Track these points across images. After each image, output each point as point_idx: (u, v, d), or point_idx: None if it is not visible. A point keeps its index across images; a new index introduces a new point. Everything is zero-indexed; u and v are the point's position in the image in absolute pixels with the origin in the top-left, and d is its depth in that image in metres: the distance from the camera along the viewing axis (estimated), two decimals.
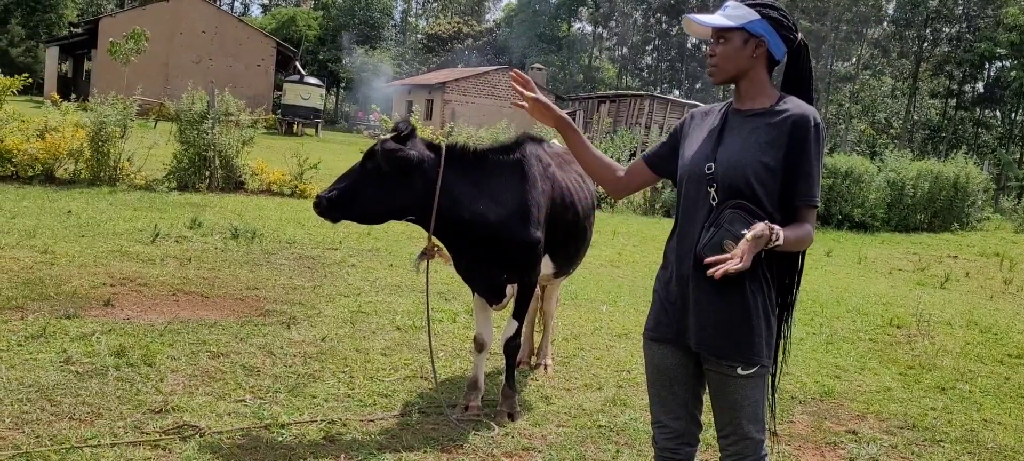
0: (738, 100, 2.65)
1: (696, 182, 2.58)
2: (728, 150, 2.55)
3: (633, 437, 4.35)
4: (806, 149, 2.49)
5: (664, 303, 2.67)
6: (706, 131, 2.67)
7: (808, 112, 2.52)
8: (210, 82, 15.03)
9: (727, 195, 2.50)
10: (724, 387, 2.57)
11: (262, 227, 9.94)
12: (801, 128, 2.49)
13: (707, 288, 2.47)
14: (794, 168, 2.50)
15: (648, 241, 12.89)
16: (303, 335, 5.66)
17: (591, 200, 5.05)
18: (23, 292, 6.04)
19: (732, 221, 2.44)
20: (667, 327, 2.65)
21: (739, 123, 2.60)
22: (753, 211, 2.46)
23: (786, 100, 2.58)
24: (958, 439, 4.79)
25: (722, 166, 2.53)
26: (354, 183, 4.13)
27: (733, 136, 2.58)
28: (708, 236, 2.47)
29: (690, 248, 2.54)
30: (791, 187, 2.52)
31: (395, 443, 4.00)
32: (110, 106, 12.91)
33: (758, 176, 2.49)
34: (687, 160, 2.65)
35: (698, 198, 2.57)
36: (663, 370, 2.70)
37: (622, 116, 36.78)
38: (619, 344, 6.29)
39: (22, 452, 3.49)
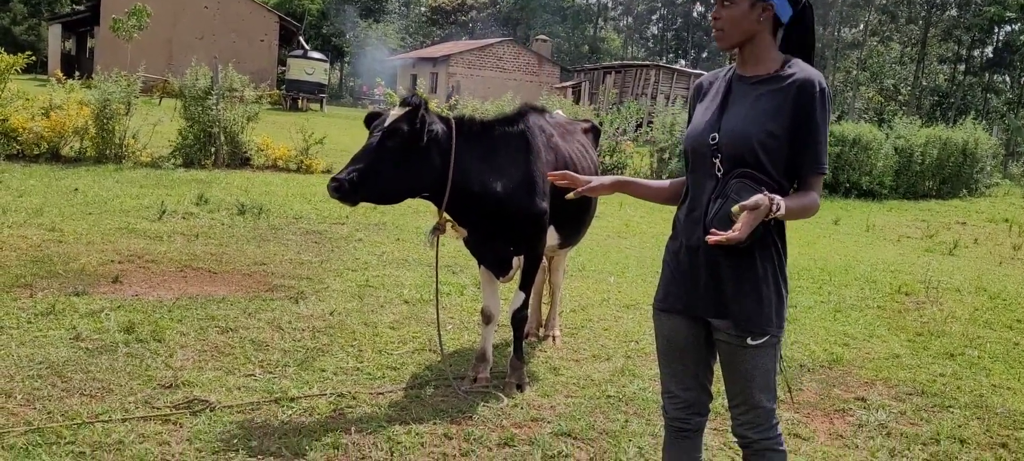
0: (742, 65, 2.58)
1: (701, 153, 2.54)
2: (732, 119, 2.50)
3: (642, 406, 4.36)
4: (812, 115, 2.43)
5: (673, 274, 2.64)
6: (710, 100, 2.62)
7: (813, 77, 2.45)
8: (214, 58, 14.94)
9: (732, 165, 2.46)
10: (734, 357, 2.54)
11: (268, 203, 9.94)
12: (807, 93, 2.43)
13: (716, 259, 2.46)
14: (800, 135, 2.45)
15: (655, 211, 12.85)
16: (311, 310, 5.67)
17: (594, 170, 5.03)
18: (32, 270, 6.06)
19: (739, 191, 2.40)
20: (676, 298, 2.63)
21: (743, 90, 2.54)
22: (759, 180, 2.42)
23: (791, 64, 2.51)
24: (967, 405, 4.78)
25: (726, 136, 2.48)
26: (374, 162, 3.92)
27: (738, 104, 2.52)
28: (715, 208, 2.44)
29: (698, 219, 2.51)
30: (798, 154, 2.46)
31: (404, 415, 4.01)
32: (114, 83, 12.88)
33: (763, 145, 2.44)
34: (693, 130, 2.60)
35: (704, 169, 2.54)
36: (673, 341, 2.68)
37: (628, 87, 36.60)
38: (627, 315, 6.29)
39: (34, 428, 3.51)
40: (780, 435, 2.63)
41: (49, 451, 3.34)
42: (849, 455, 3.97)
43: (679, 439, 2.76)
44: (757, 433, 2.59)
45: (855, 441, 4.16)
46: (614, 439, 3.91)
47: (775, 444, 2.60)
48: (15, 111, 12.50)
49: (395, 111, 4.02)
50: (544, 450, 3.73)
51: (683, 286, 2.60)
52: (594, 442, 3.88)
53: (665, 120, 17.69)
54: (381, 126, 3.97)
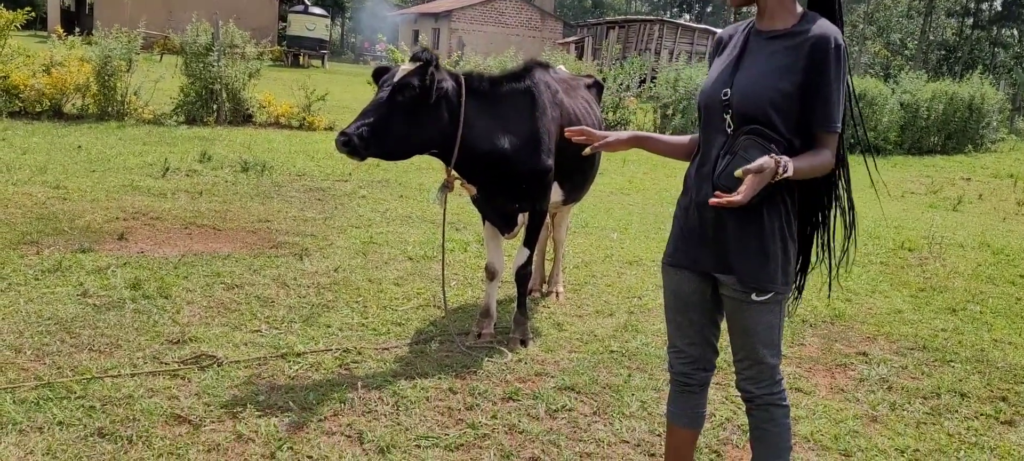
0: (759, 20, 2.52)
1: (713, 108, 2.50)
2: (745, 76, 2.45)
3: (645, 361, 4.40)
4: (825, 72, 2.37)
5: (682, 230, 2.63)
6: (728, 54, 2.57)
7: (829, 32, 2.38)
8: (214, 14, 14.83)
9: (742, 122, 2.42)
10: (739, 312, 2.54)
11: (271, 160, 9.94)
12: (821, 50, 2.36)
13: (724, 215, 2.44)
14: (812, 92, 2.39)
15: (658, 168, 12.83)
16: (316, 266, 5.69)
17: (598, 125, 5.01)
18: (37, 227, 6.08)
19: (747, 148, 2.38)
20: (685, 253, 2.62)
21: (759, 46, 2.48)
22: (769, 137, 2.38)
23: (809, 18, 2.44)
24: (968, 359, 4.82)
25: (738, 93, 2.43)
26: (384, 117, 3.88)
27: (752, 60, 2.47)
28: (723, 164, 2.42)
29: (707, 175, 2.49)
30: (808, 112, 2.40)
31: (409, 370, 4.05)
32: (115, 40, 12.82)
33: (774, 103, 2.39)
34: (706, 86, 2.56)
35: (715, 124, 2.51)
36: (681, 296, 2.68)
37: (631, 42, 36.29)
38: (630, 271, 6.31)
39: (45, 383, 3.56)
40: (784, 391, 2.65)
41: (60, 405, 3.38)
42: (850, 409, 4.01)
43: (684, 394, 2.78)
44: (760, 388, 2.60)
45: (856, 395, 4.20)
46: (617, 393, 3.95)
47: (778, 399, 2.62)
48: (16, 68, 12.45)
49: (405, 66, 3.98)
50: (548, 404, 3.77)
51: (691, 242, 2.59)
52: (597, 396, 3.92)
53: (669, 76, 17.59)
54: (391, 81, 3.93)
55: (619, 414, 3.75)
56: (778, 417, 2.63)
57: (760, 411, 2.63)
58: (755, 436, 2.69)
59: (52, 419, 3.27)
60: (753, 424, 2.68)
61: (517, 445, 3.40)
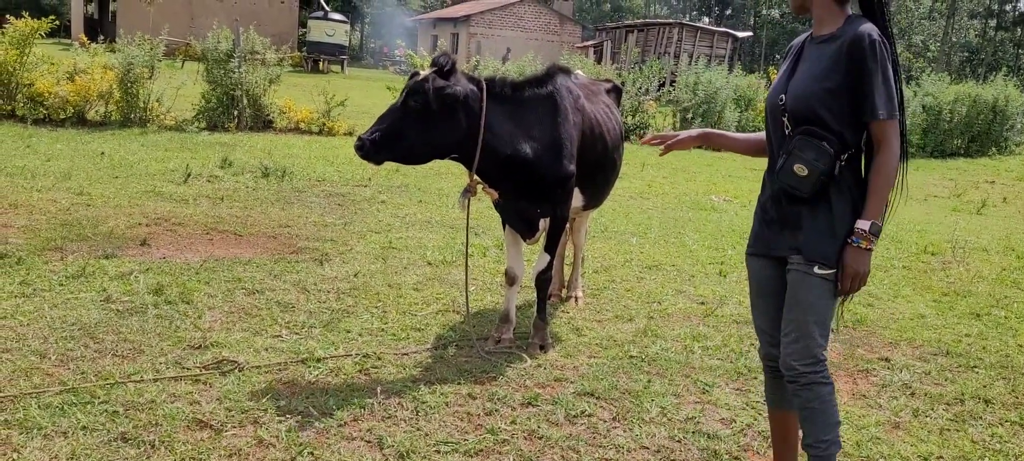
0: (815, 28, 2.76)
1: (773, 113, 2.80)
2: (798, 80, 2.71)
3: (664, 367, 4.38)
4: (864, 67, 2.57)
5: (760, 222, 2.90)
6: (786, 63, 2.85)
7: (863, 30, 2.58)
8: (235, 20, 14.95)
9: (797, 123, 2.69)
10: (799, 286, 2.71)
11: (292, 165, 10.00)
12: (857, 47, 2.57)
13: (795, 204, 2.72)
14: (857, 87, 2.60)
15: (677, 173, 12.79)
16: (336, 271, 5.72)
17: (619, 131, 5.01)
18: (61, 233, 6.16)
19: (802, 147, 2.64)
20: (763, 243, 2.88)
21: (811, 52, 2.74)
22: (822, 136, 2.62)
23: (850, 21, 2.66)
24: (992, 365, 4.76)
25: (791, 97, 2.70)
26: (397, 123, 3.95)
27: (804, 66, 2.72)
28: (781, 162, 2.71)
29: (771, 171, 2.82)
30: (857, 106, 2.62)
31: (429, 375, 4.06)
32: (137, 47, 12.96)
33: (822, 102, 2.63)
34: (770, 92, 2.85)
35: (776, 128, 2.79)
36: (760, 281, 2.94)
37: (651, 45, 36.22)
38: (649, 276, 6.29)
39: (69, 388, 3.60)
40: (826, 370, 2.76)
41: (83, 410, 3.42)
42: (872, 415, 3.98)
43: (776, 377, 2.96)
44: (805, 365, 2.72)
45: (879, 401, 4.16)
46: (636, 399, 3.94)
47: (821, 378, 2.74)
48: (41, 76, 12.62)
49: (425, 72, 4.02)
50: (567, 409, 3.77)
51: (767, 232, 2.86)
52: (617, 402, 3.91)
53: (688, 79, 17.53)
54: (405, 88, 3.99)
55: (639, 420, 3.73)
56: (823, 394, 2.75)
57: (806, 390, 2.75)
58: (804, 416, 2.81)
59: (76, 424, 3.30)
60: (800, 404, 2.80)
61: (536, 451, 3.40)
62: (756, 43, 55.69)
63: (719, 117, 16.80)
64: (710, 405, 3.96)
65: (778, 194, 2.76)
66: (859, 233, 2.61)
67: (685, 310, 5.46)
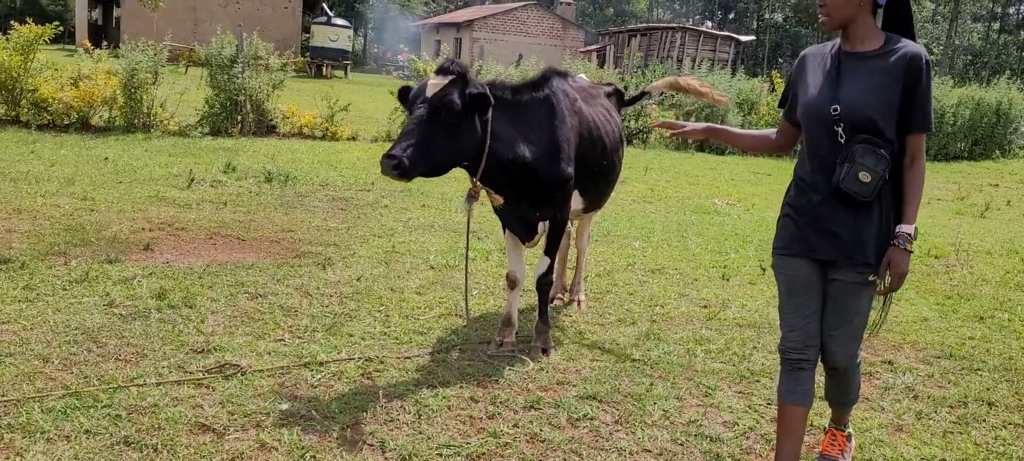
0: (848, 43, 2.93)
1: (820, 121, 2.91)
2: (850, 91, 2.85)
3: (667, 370, 4.38)
4: (920, 83, 2.82)
5: (797, 224, 3.03)
6: (822, 73, 2.97)
7: (920, 51, 2.84)
8: (238, 25, 15.00)
9: (854, 131, 2.84)
10: (852, 293, 2.95)
11: (295, 170, 10.02)
12: (916, 66, 2.81)
13: (844, 210, 2.88)
14: (911, 101, 2.83)
15: (681, 176, 12.79)
16: (338, 275, 5.73)
17: (618, 133, 5.00)
18: (65, 238, 6.17)
19: (863, 155, 2.80)
20: (800, 244, 3.02)
21: (854, 65, 2.89)
22: (879, 144, 2.81)
23: (896, 40, 2.88)
24: (996, 368, 4.75)
25: (847, 107, 2.84)
26: (428, 134, 3.79)
27: (852, 78, 2.88)
28: (844, 171, 2.82)
29: (822, 177, 2.91)
30: (908, 117, 2.85)
31: (431, 379, 4.06)
32: (141, 53, 12.99)
33: (880, 113, 2.82)
34: (809, 101, 2.97)
35: (823, 135, 2.92)
36: (795, 279, 3.06)
37: (653, 49, 36.24)
38: (652, 279, 6.29)
39: (72, 392, 3.61)
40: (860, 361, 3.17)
41: (87, 414, 3.43)
42: (875, 418, 3.97)
43: (796, 372, 3.08)
44: (845, 359, 3.07)
45: (882, 404, 4.15)
46: (639, 402, 3.94)
47: (857, 365, 3.15)
48: (45, 81, 12.67)
49: (435, 80, 3.93)
50: (569, 412, 3.77)
51: (807, 234, 2.99)
52: (619, 405, 3.91)
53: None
54: (425, 97, 3.86)
55: (641, 423, 3.73)
56: (857, 371, 3.22)
57: (842, 376, 3.17)
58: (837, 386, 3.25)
59: (79, 428, 3.31)
60: (832, 382, 3.23)
61: (539, 454, 3.40)
62: (759, 47, 55.69)
63: (722, 121, 16.78)
64: (712, 408, 3.96)
65: (832, 198, 2.90)
66: (904, 236, 2.85)
67: (688, 313, 5.46)
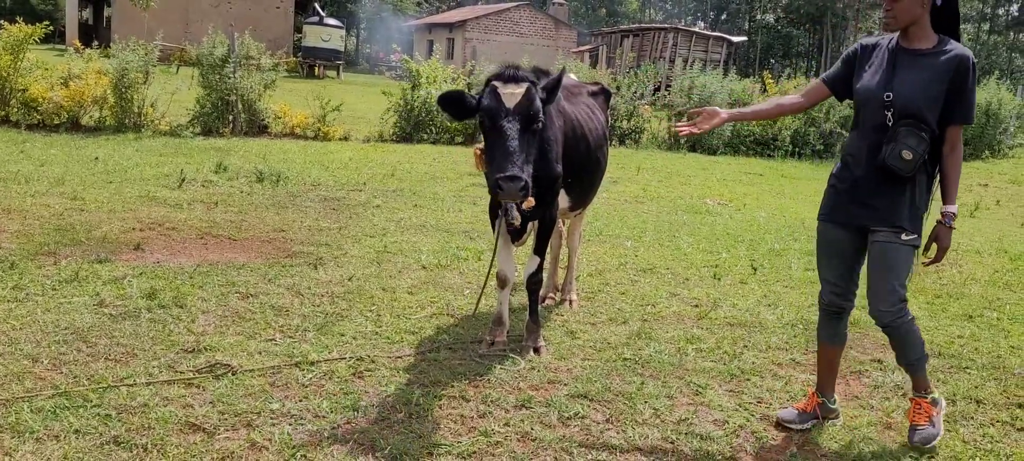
0: (905, 40, 3.40)
1: (874, 104, 3.38)
2: (903, 82, 3.32)
3: (658, 369, 4.39)
4: (966, 81, 3.30)
5: (841, 194, 3.53)
6: (877, 62, 3.44)
7: (968, 54, 3.33)
8: (230, 25, 14.98)
9: (901, 116, 3.30)
10: (887, 251, 3.41)
11: (287, 170, 10.00)
12: (964, 66, 3.30)
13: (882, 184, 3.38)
14: (956, 96, 3.31)
15: (673, 176, 12.81)
16: (330, 275, 5.72)
17: (601, 131, 5.01)
18: (55, 238, 6.15)
19: (907, 136, 3.28)
20: (842, 211, 3.54)
21: (909, 60, 3.36)
22: (921, 128, 3.28)
23: (946, 42, 3.37)
24: (984, 366, 4.78)
25: (900, 96, 3.31)
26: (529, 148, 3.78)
27: (906, 71, 3.34)
28: (888, 149, 3.30)
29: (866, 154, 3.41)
30: (951, 111, 3.33)
31: (423, 378, 4.06)
32: (132, 52, 12.95)
33: (927, 104, 3.29)
34: (866, 86, 3.43)
35: (874, 117, 3.39)
36: (834, 242, 3.59)
37: (646, 50, 36.28)
38: (643, 278, 6.30)
39: (61, 391, 3.59)
40: (908, 310, 3.49)
41: (76, 414, 3.42)
42: (864, 416, 3.99)
43: (833, 319, 3.71)
44: (895, 310, 3.45)
45: (871, 402, 4.17)
46: (630, 401, 3.95)
47: (906, 317, 3.48)
48: (35, 81, 12.62)
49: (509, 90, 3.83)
50: (560, 411, 3.77)
51: (848, 204, 3.50)
52: (610, 403, 3.92)
53: (683, 83, 17.56)
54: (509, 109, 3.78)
55: (632, 421, 3.74)
56: (909, 327, 3.52)
57: (896, 329, 3.50)
58: (896, 345, 3.60)
59: (68, 427, 3.30)
60: (896, 340, 3.57)
61: (530, 452, 3.41)
62: (751, 48, 55.83)
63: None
64: (703, 407, 3.97)
65: (875, 172, 3.37)
66: (949, 216, 3.40)
67: (679, 312, 5.47)
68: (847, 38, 50.61)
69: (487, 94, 3.90)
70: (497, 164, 3.72)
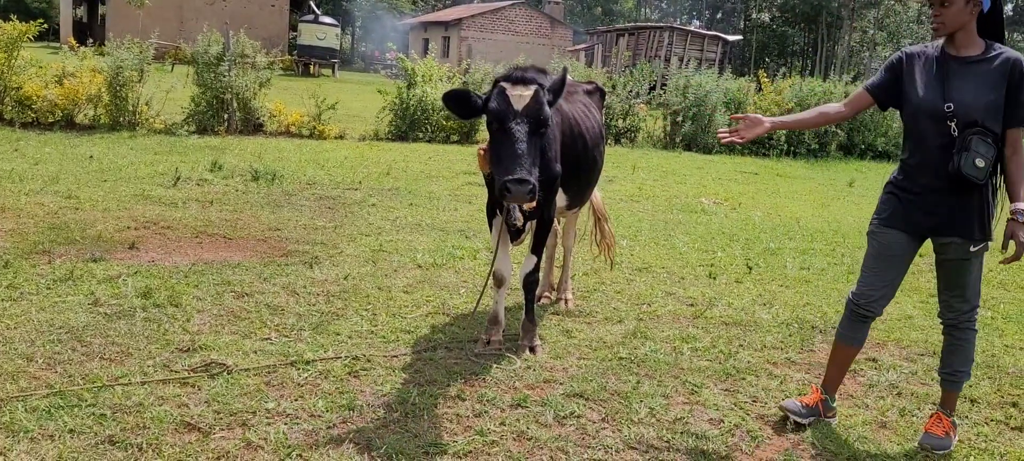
0: (953, 48, 3.43)
1: (932, 116, 3.40)
2: (960, 91, 3.36)
3: (653, 368, 4.39)
4: (1021, 84, 3.33)
5: (902, 201, 3.56)
6: (927, 74, 3.46)
7: (1019, 56, 3.37)
8: (225, 24, 14.95)
9: (966, 125, 3.33)
10: (958, 262, 3.51)
11: (282, 169, 9.98)
12: (1018, 69, 3.33)
13: (950, 194, 3.42)
14: (1013, 99, 3.34)
15: (668, 175, 12.82)
16: (326, 274, 5.72)
17: (598, 129, 5.01)
18: (49, 236, 6.13)
19: (978, 144, 3.31)
20: (902, 219, 3.56)
21: (961, 68, 3.40)
22: (987, 135, 3.32)
23: (993, 47, 3.41)
24: (979, 365, 4.78)
25: (960, 105, 3.34)
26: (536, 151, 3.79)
27: (961, 80, 3.38)
28: (962, 158, 3.32)
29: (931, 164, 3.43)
30: (1011, 114, 3.36)
31: (418, 377, 4.06)
32: (126, 50, 12.92)
33: (988, 110, 3.33)
34: (919, 98, 3.45)
35: (933, 129, 3.41)
36: (888, 248, 3.60)
37: (641, 49, 36.28)
38: (639, 278, 6.31)
39: (56, 391, 3.58)
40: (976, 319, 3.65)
41: (71, 413, 3.41)
42: (859, 415, 4.00)
43: (859, 322, 3.72)
44: (962, 319, 3.61)
45: (866, 401, 4.18)
46: (625, 400, 3.95)
47: (973, 325, 3.64)
48: (29, 79, 12.57)
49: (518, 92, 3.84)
50: (556, 410, 3.77)
51: (910, 211, 3.53)
52: (606, 403, 3.92)
53: (678, 82, 17.56)
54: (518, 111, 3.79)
55: (627, 421, 3.74)
56: (971, 337, 3.66)
57: (959, 331, 3.64)
58: (949, 349, 3.69)
59: (63, 427, 3.29)
60: (950, 341, 3.68)
61: (525, 452, 3.41)
62: (746, 47, 55.90)
63: (709, 120, 16.85)
64: (699, 406, 3.98)
65: (945, 182, 3.39)
66: (1020, 212, 3.33)
67: (674, 312, 5.48)
68: (842, 37, 50.69)
69: (495, 96, 3.90)
70: (505, 166, 3.72)
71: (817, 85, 18.44)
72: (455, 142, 14.75)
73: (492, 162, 3.93)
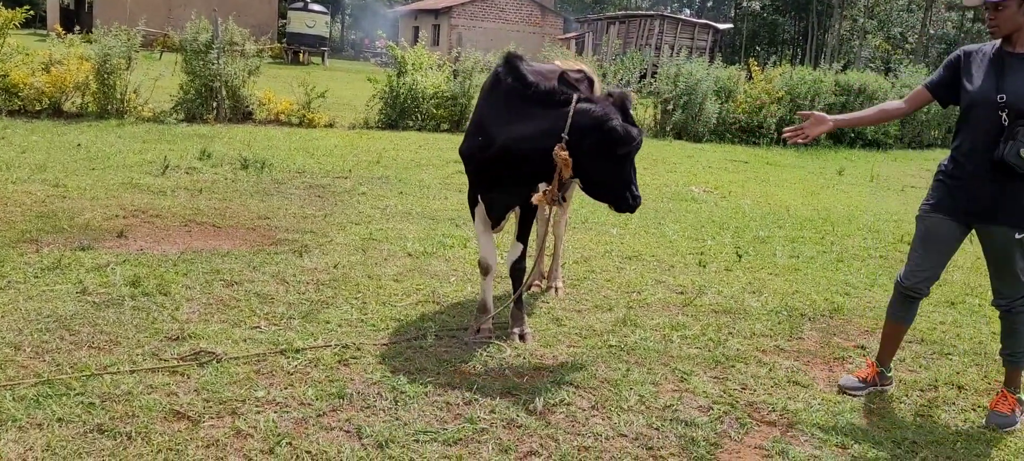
0: (1010, 45, 3.64)
1: (987, 107, 3.59)
2: (1015, 83, 3.55)
3: (643, 356, 4.41)
4: None
5: (949, 189, 3.76)
6: (984, 68, 3.67)
7: None
8: (213, 11, 14.84)
9: (1017, 116, 3.51)
10: (1004, 249, 3.68)
11: (271, 157, 9.94)
12: None
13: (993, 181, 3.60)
14: None
15: (658, 163, 12.83)
16: (315, 263, 5.70)
17: None
18: (37, 225, 6.10)
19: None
20: (949, 204, 3.77)
21: (1017, 63, 3.59)
22: None
23: None
24: (966, 352, 4.83)
25: (1012, 96, 3.53)
26: None
27: (1016, 73, 3.57)
28: (1007, 147, 3.49)
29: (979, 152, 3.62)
30: None
31: (408, 366, 4.06)
32: (114, 38, 12.80)
33: None
34: (976, 90, 3.65)
35: (986, 118, 3.60)
36: (934, 232, 3.82)
37: (632, 37, 36.27)
38: (629, 266, 6.32)
39: (44, 380, 3.57)
40: None
41: (59, 402, 3.39)
42: (847, 401, 4.02)
43: (909, 301, 3.96)
44: (1014, 302, 3.76)
45: None
46: (615, 387, 3.96)
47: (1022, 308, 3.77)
48: (15, 66, 12.46)
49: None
50: (546, 398, 3.78)
51: (956, 198, 3.73)
52: (595, 390, 3.93)
53: (669, 71, 17.55)
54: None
55: (617, 408, 3.76)
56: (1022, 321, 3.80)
57: (1012, 315, 3.80)
58: (1007, 332, 3.86)
59: (51, 416, 3.28)
60: (1006, 326, 3.85)
61: (515, 439, 3.41)
62: (737, 35, 55.87)
63: (700, 108, 16.85)
64: (688, 393, 3.99)
65: (991, 170, 3.57)
66: None
67: (664, 300, 5.49)
68: (832, 26, 50.72)
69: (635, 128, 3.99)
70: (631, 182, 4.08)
71: (807, 74, 18.45)
72: (445, 131, 14.72)
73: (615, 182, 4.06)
